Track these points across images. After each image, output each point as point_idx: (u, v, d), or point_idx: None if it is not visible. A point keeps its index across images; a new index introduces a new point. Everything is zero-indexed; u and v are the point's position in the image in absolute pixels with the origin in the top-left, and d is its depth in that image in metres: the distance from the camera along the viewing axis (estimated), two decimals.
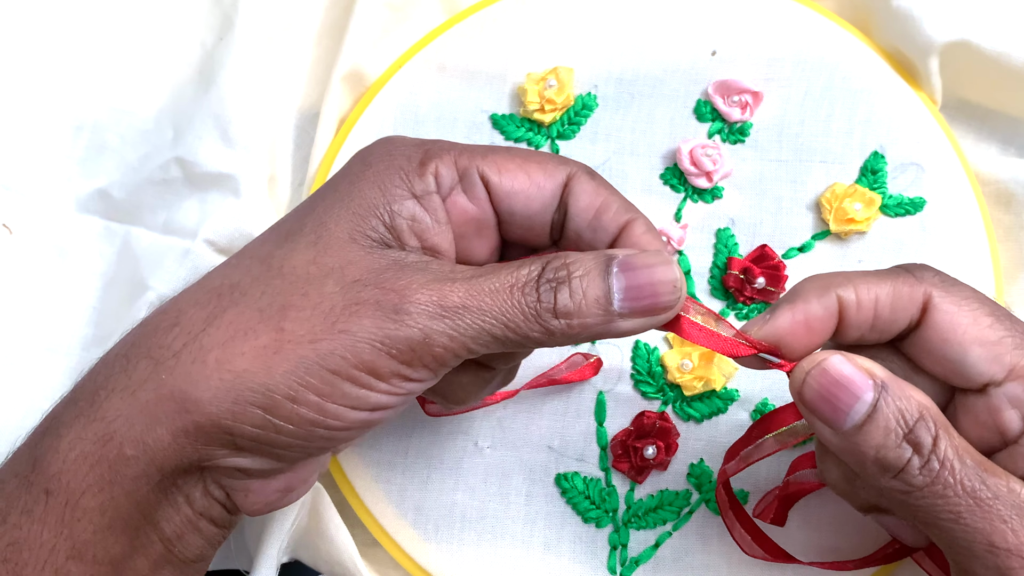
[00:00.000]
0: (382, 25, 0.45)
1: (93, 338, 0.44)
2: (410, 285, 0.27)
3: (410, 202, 0.29)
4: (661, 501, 0.39)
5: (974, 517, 0.27)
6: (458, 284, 0.27)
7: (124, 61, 0.46)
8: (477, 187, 0.30)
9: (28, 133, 0.45)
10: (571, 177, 0.31)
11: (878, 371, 0.28)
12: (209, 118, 0.43)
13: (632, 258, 0.28)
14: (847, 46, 0.43)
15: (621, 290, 0.28)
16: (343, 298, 0.27)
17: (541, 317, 0.28)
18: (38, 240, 0.45)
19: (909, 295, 0.29)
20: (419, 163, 0.30)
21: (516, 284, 0.28)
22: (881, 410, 0.28)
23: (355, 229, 0.29)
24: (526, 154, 0.31)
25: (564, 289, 0.28)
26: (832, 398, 0.28)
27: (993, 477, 0.28)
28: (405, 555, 0.40)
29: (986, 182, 0.43)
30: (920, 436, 0.28)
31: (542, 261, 0.28)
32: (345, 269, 0.28)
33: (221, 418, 0.27)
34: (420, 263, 0.28)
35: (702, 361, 0.40)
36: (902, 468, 0.28)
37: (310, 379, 0.27)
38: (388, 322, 0.27)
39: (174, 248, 0.43)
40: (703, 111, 0.42)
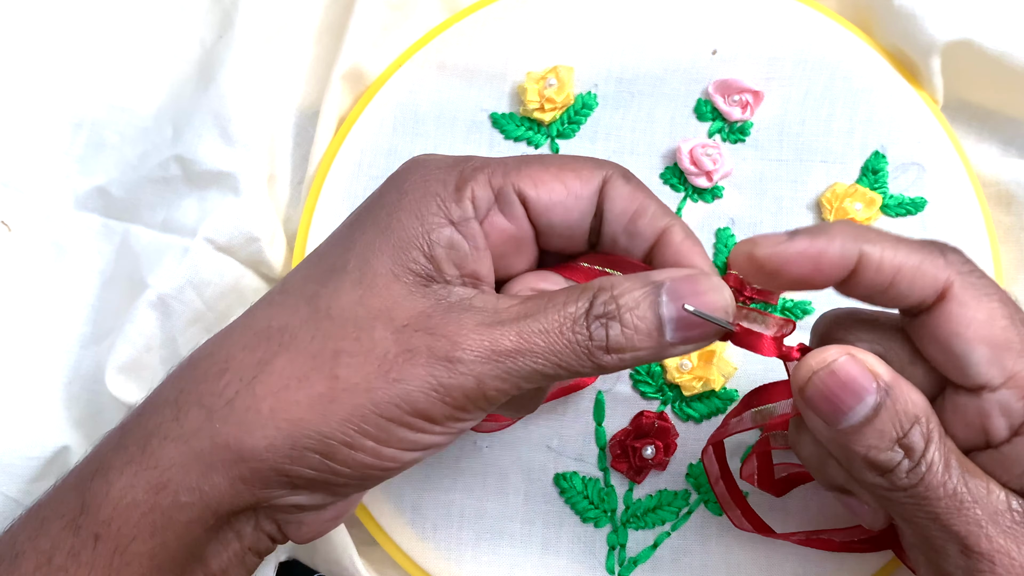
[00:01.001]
0: (382, 24, 0.45)
1: (91, 336, 0.44)
2: (460, 331, 0.27)
3: (447, 230, 0.28)
4: (660, 501, 0.39)
5: (952, 519, 0.27)
6: (508, 328, 0.27)
7: (123, 59, 0.46)
8: (514, 205, 0.30)
9: (27, 130, 0.45)
10: (607, 181, 0.30)
11: (883, 372, 0.28)
12: (209, 116, 0.43)
13: (680, 285, 0.28)
14: (848, 45, 0.43)
15: (672, 320, 0.28)
16: (395, 344, 0.27)
17: (593, 355, 0.28)
18: (37, 237, 0.45)
19: (933, 276, 0.28)
20: (455, 188, 0.29)
21: (565, 323, 0.27)
22: (880, 414, 0.28)
23: (397, 264, 0.28)
24: (560, 162, 0.30)
25: (615, 325, 0.27)
26: (835, 399, 0.28)
27: (975, 480, 0.28)
28: (403, 554, 0.40)
29: (987, 183, 0.43)
30: (913, 441, 0.28)
31: (589, 295, 0.28)
32: (393, 312, 0.28)
33: (278, 463, 0.27)
34: (465, 302, 0.28)
35: (701, 361, 0.40)
36: (891, 469, 0.28)
37: (366, 427, 0.27)
38: (441, 370, 0.27)
39: (173, 246, 0.43)
40: (703, 110, 0.42)
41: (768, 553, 0.38)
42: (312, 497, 0.29)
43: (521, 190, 0.29)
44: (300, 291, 0.29)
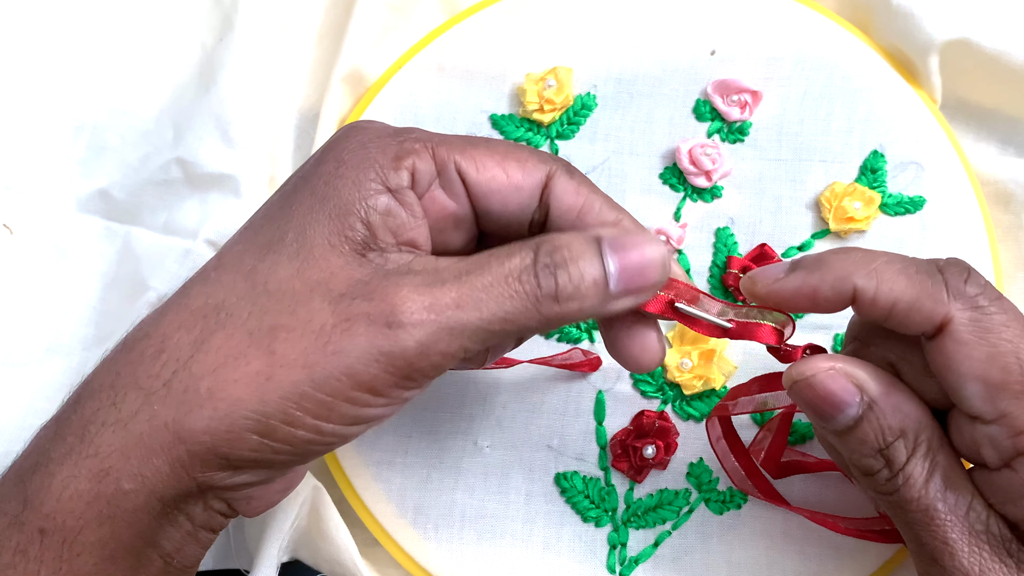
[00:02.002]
0: (382, 26, 0.45)
1: (93, 338, 0.44)
2: (399, 293, 0.26)
3: (384, 197, 0.28)
4: (660, 500, 0.39)
5: (924, 533, 0.29)
6: (449, 285, 0.26)
7: (124, 62, 0.47)
8: (455, 183, 0.29)
9: (29, 133, 0.45)
10: (551, 176, 0.30)
11: (870, 386, 0.29)
12: (209, 118, 0.44)
13: (621, 238, 0.28)
14: (846, 45, 0.43)
15: (616, 271, 0.27)
16: (333, 315, 0.26)
17: (541, 304, 0.27)
18: (38, 240, 0.45)
19: (930, 311, 0.28)
20: (394, 156, 0.29)
21: (511, 274, 0.27)
22: (861, 425, 0.29)
23: (334, 233, 0.28)
24: (505, 150, 0.30)
25: (563, 273, 0.27)
26: (816, 409, 0.29)
27: (958, 496, 0.28)
28: (405, 554, 0.40)
29: (985, 182, 0.43)
30: (894, 453, 0.29)
31: (532, 246, 0.27)
32: (330, 282, 0.27)
33: (217, 446, 0.26)
34: (403, 266, 0.27)
35: (702, 360, 0.40)
36: (872, 475, 0.29)
37: (306, 404, 0.26)
38: (382, 338, 0.26)
39: (175, 248, 0.43)
40: (702, 110, 0.42)
41: (768, 552, 0.38)
42: (255, 475, 0.28)
43: (463, 170, 0.29)
44: (236, 266, 0.28)
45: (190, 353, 0.27)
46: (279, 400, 0.26)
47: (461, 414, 0.40)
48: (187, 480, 0.27)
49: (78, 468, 0.27)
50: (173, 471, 0.27)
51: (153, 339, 0.28)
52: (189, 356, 0.27)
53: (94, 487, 0.26)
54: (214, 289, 0.28)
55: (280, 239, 0.28)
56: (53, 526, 0.26)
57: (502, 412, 0.40)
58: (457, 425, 0.40)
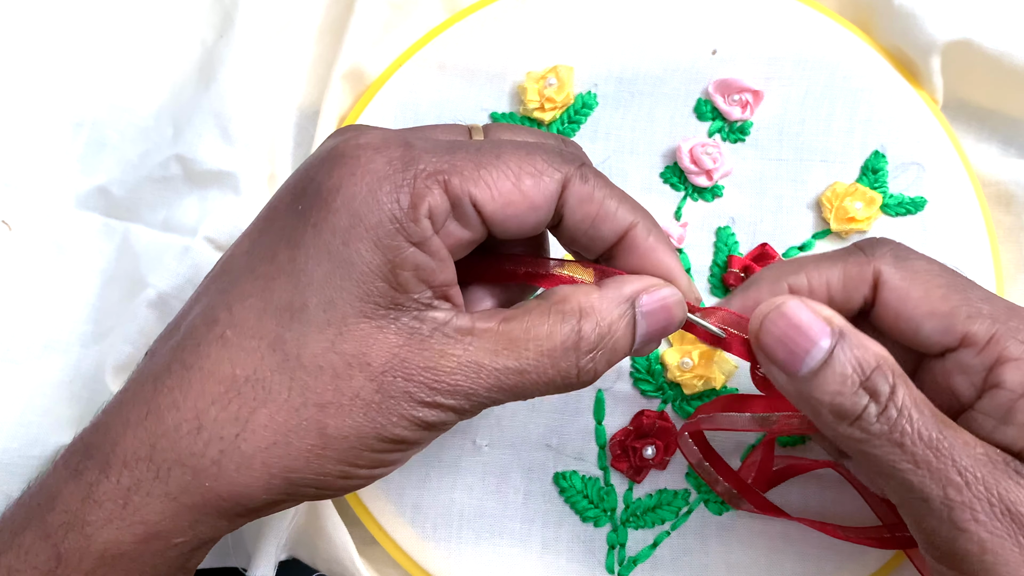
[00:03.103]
0: (383, 23, 0.45)
1: (92, 335, 0.44)
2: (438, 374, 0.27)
3: (410, 252, 0.27)
4: (660, 501, 0.39)
5: (931, 467, 0.27)
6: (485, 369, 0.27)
7: (124, 58, 0.46)
8: (471, 216, 0.28)
9: (28, 130, 0.45)
10: (566, 184, 0.28)
11: (837, 320, 0.28)
12: (209, 116, 0.44)
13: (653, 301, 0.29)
14: (848, 45, 0.43)
15: (643, 335, 0.29)
16: (376, 392, 0.27)
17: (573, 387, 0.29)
18: (37, 237, 0.45)
19: (859, 274, 0.30)
20: (410, 204, 0.27)
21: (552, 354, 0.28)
22: (837, 357, 0.28)
23: (364, 301, 0.27)
24: (519, 163, 0.28)
25: (603, 356, 0.28)
26: (789, 342, 0.28)
27: (951, 431, 0.28)
28: (403, 553, 0.40)
29: (986, 183, 0.43)
30: (877, 384, 0.27)
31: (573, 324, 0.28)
32: (368, 356, 0.27)
33: (275, 499, 0.28)
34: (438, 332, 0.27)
35: (702, 360, 0.40)
36: (859, 415, 0.27)
37: (358, 462, 0.28)
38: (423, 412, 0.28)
39: (173, 245, 0.43)
40: (703, 110, 0.42)
41: (768, 553, 0.38)
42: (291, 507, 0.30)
43: (478, 202, 0.27)
44: (257, 331, 0.27)
45: (235, 431, 0.27)
46: (334, 464, 0.28)
47: None
48: (238, 524, 0.28)
49: (123, 533, 0.27)
50: (229, 523, 0.28)
51: (185, 413, 0.27)
52: (235, 435, 0.27)
53: (140, 547, 0.27)
54: (237, 356, 0.27)
55: (303, 306, 0.27)
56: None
57: (501, 411, 0.40)
58: (456, 424, 0.40)
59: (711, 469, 0.38)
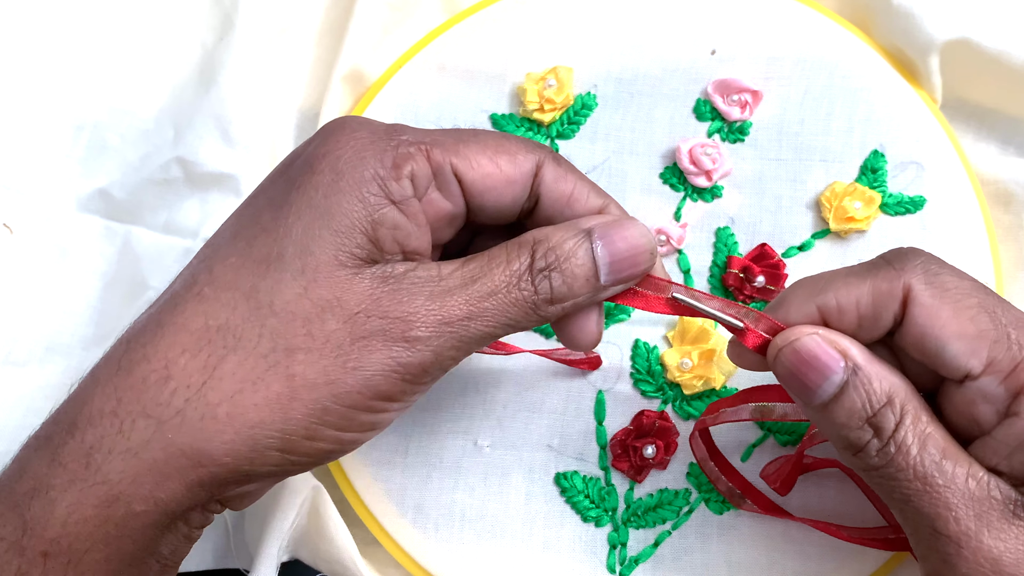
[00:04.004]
0: (382, 25, 0.45)
1: (93, 338, 0.44)
2: (412, 308, 0.27)
3: (389, 210, 0.28)
4: (660, 500, 0.39)
5: (922, 501, 0.28)
6: (457, 295, 0.28)
7: (125, 61, 0.47)
8: (451, 184, 0.29)
9: (29, 133, 0.45)
10: (540, 165, 0.30)
11: (854, 352, 0.29)
12: (210, 118, 0.44)
13: (610, 229, 0.29)
14: (847, 45, 0.43)
15: (606, 264, 0.29)
16: (349, 334, 0.27)
17: (538, 308, 0.29)
18: (39, 240, 0.45)
19: (889, 291, 0.29)
20: (393, 164, 0.28)
21: (511, 281, 0.28)
22: (848, 392, 0.29)
23: (340, 250, 0.27)
24: (496, 143, 0.30)
25: (556, 275, 0.29)
26: (800, 375, 0.29)
27: (953, 464, 0.28)
28: (405, 554, 0.40)
29: (986, 182, 0.43)
30: (882, 421, 0.28)
31: (528, 249, 0.29)
32: (342, 300, 0.27)
33: (239, 466, 0.27)
34: (410, 275, 0.28)
35: (702, 360, 0.40)
36: (861, 448, 0.29)
37: (328, 418, 0.27)
38: (399, 351, 0.27)
39: (175, 248, 0.43)
40: (703, 110, 0.42)
41: (769, 552, 0.38)
42: (268, 484, 0.29)
43: (458, 171, 0.29)
44: (234, 283, 0.28)
45: (202, 379, 0.27)
46: (302, 418, 0.27)
47: (461, 414, 0.40)
48: (201, 495, 0.27)
49: (84, 495, 0.27)
50: (189, 491, 0.27)
51: (155, 363, 0.27)
52: (201, 383, 0.27)
53: (102, 512, 0.27)
54: (212, 308, 0.28)
55: (279, 256, 0.28)
56: (57, 550, 0.27)
57: (502, 412, 0.40)
58: (457, 425, 0.40)
59: (714, 468, 0.38)
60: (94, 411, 0.27)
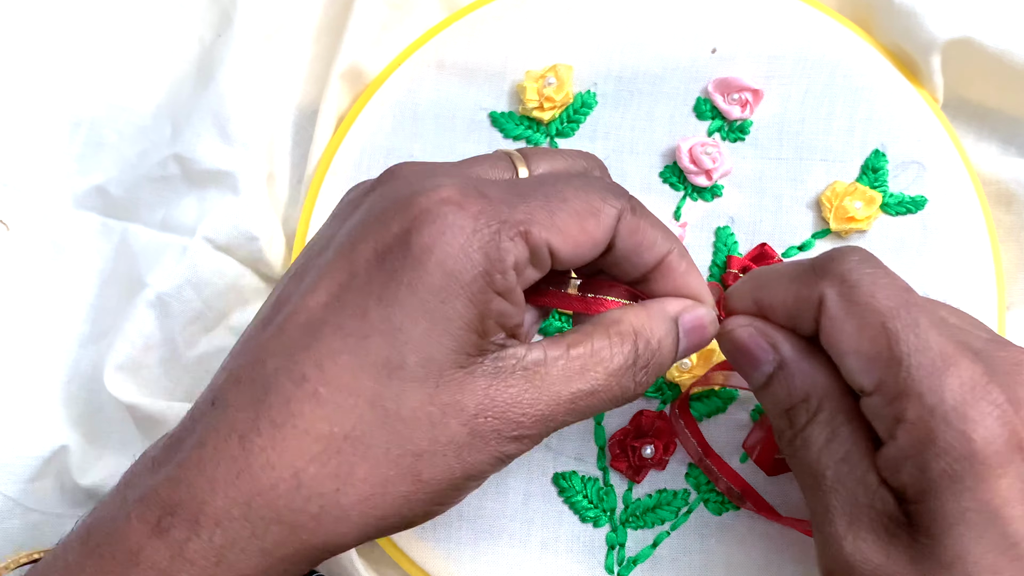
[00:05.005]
0: (381, 22, 0.45)
1: (90, 335, 0.44)
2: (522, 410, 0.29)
3: (497, 302, 0.28)
4: (659, 501, 0.39)
5: (811, 496, 0.31)
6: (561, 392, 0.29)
7: (122, 58, 0.46)
8: (545, 260, 0.29)
9: (26, 129, 0.45)
10: (619, 217, 0.30)
11: (784, 348, 0.32)
12: (207, 115, 0.43)
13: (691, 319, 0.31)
14: (848, 44, 0.42)
15: (683, 350, 0.32)
16: (468, 434, 0.28)
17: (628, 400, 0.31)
18: (35, 236, 0.45)
19: (807, 298, 0.31)
20: (498, 259, 0.28)
21: (612, 380, 0.30)
22: (772, 384, 0.32)
23: (459, 353, 0.28)
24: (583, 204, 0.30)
25: (655, 371, 0.31)
26: (736, 360, 0.33)
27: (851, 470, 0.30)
28: (401, 553, 0.40)
29: (987, 182, 0.42)
30: (796, 416, 0.31)
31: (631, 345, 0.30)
32: (461, 404, 0.28)
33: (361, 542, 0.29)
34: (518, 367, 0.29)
35: (701, 360, 0.39)
36: (779, 434, 0.32)
37: (441, 499, 0.29)
38: (508, 446, 0.29)
39: (172, 245, 0.43)
40: (703, 109, 0.42)
41: (768, 553, 0.38)
42: None
43: (553, 248, 0.29)
44: (354, 388, 0.28)
45: (334, 487, 0.28)
46: (422, 506, 0.29)
47: None
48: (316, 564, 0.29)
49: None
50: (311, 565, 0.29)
51: (281, 471, 0.27)
52: (334, 489, 0.28)
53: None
54: (333, 414, 0.28)
55: (401, 363, 0.28)
56: None
57: None
58: None
59: (711, 465, 0.38)
60: (220, 514, 0.27)
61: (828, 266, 0.31)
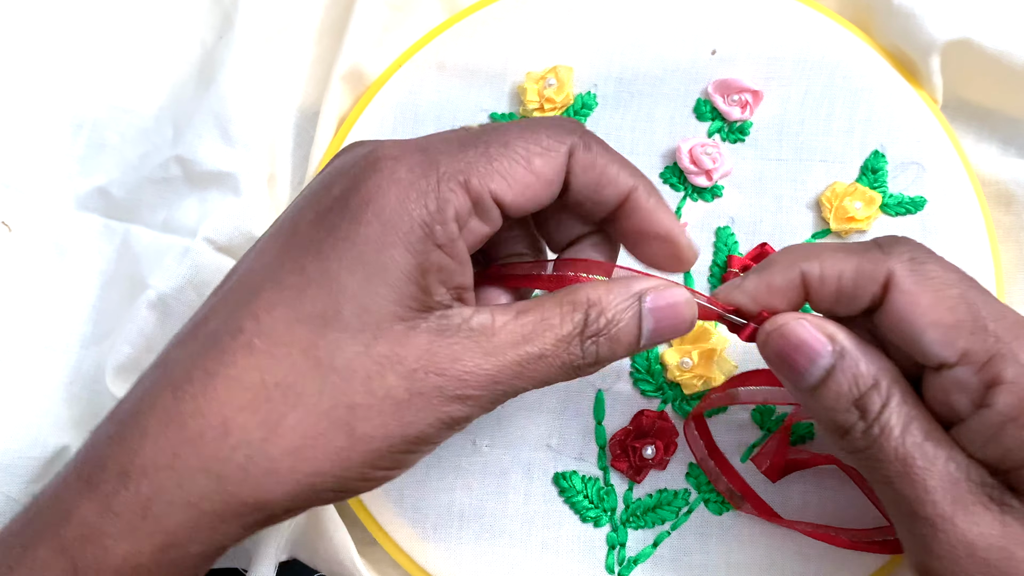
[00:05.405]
0: (382, 24, 0.45)
1: (92, 336, 0.44)
2: (466, 366, 0.28)
3: (436, 254, 0.28)
4: (660, 501, 0.39)
5: (902, 483, 0.29)
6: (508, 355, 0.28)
7: (124, 59, 0.47)
8: (491, 210, 0.29)
9: (28, 131, 0.45)
10: (571, 153, 0.30)
11: (840, 336, 0.30)
12: (209, 116, 0.44)
13: (660, 300, 0.30)
14: (847, 45, 0.43)
15: (649, 331, 0.30)
16: (407, 389, 0.28)
17: (581, 370, 0.30)
18: (37, 238, 0.45)
19: (871, 272, 0.30)
20: (437, 209, 0.28)
21: (560, 346, 0.29)
22: (835, 375, 0.29)
23: (397, 304, 0.28)
24: (525, 144, 0.29)
25: (604, 342, 0.29)
26: (788, 359, 0.30)
27: (935, 447, 0.28)
28: (403, 553, 0.40)
29: (986, 182, 0.43)
30: (868, 403, 0.29)
31: (582, 313, 0.29)
32: (400, 356, 0.28)
33: (295, 507, 0.28)
34: (464, 327, 0.28)
35: (702, 359, 0.40)
36: (847, 431, 0.30)
37: (380, 462, 0.28)
38: (453, 408, 0.28)
39: (174, 246, 0.43)
40: (703, 110, 0.42)
41: (768, 553, 0.38)
42: None
43: (498, 196, 0.29)
44: (288, 339, 0.28)
45: (262, 435, 0.27)
46: (359, 466, 0.28)
47: None
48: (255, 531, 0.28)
49: (141, 544, 0.27)
50: (245, 531, 0.28)
51: (211, 419, 0.27)
52: (262, 438, 0.27)
53: (158, 556, 0.27)
54: (266, 363, 0.28)
55: (336, 313, 0.27)
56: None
57: (501, 411, 0.40)
58: None
59: (715, 467, 0.38)
60: (148, 463, 0.27)
61: (893, 246, 0.30)
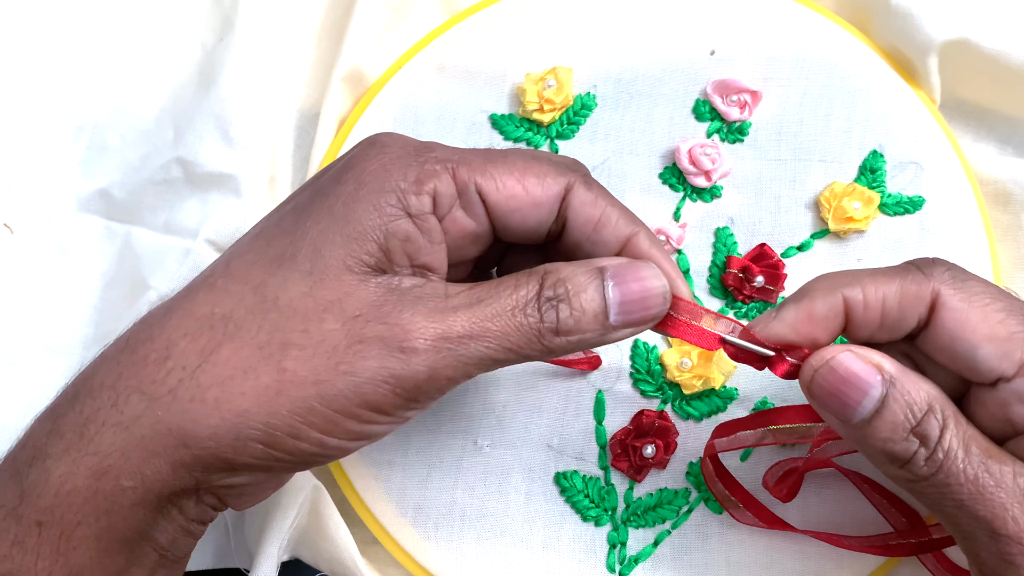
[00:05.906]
0: (382, 25, 0.45)
1: (93, 338, 0.44)
2: (413, 319, 0.27)
3: (404, 222, 0.28)
4: (660, 500, 0.39)
5: (976, 505, 0.28)
6: (460, 313, 0.28)
7: (125, 61, 0.47)
8: (476, 204, 0.29)
9: (29, 133, 0.46)
10: (569, 188, 0.30)
11: (887, 365, 0.29)
12: (210, 118, 0.44)
13: (623, 270, 0.29)
14: (846, 45, 0.43)
15: (616, 304, 0.29)
16: (345, 336, 0.27)
17: (543, 336, 0.28)
18: (39, 240, 0.45)
19: (917, 293, 0.29)
20: (416, 180, 0.29)
21: (517, 306, 0.28)
22: (889, 405, 0.28)
23: (350, 256, 0.28)
24: (524, 163, 0.30)
25: (564, 307, 0.28)
26: (840, 395, 0.29)
27: (999, 464, 0.28)
28: (405, 553, 0.40)
29: (984, 182, 0.43)
30: (927, 429, 0.28)
31: (537, 278, 0.29)
32: (344, 303, 0.27)
33: (221, 451, 0.27)
34: (416, 289, 0.28)
35: (701, 359, 0.40)
36: (908, 460, 0.29)
37: (312, 418, 0.27)
38: (394, 361, 0.27)
39: (175, 248, 0.43)
40: (702, 110, 0.43)
41: (768, 551, 0.38)
42: (253, 477, 0.29)
43: (483, 191, 0.29)
44: (245, 277, 0.28)
45: (197, 362, 0.27)
46: (287, 414, 0.27)
47: (461, 414, 0.40)
48: (187, 478, 0.28)
49: (77, 465, 0.27)
50: (174, 471, 0.27)
51: (157, 343, 0.28)
52: (196, 365, 0.27)
53: (93, 484, 0.27)
54: (220, 298, 0.28)
55: (292, 256, 0.28)
56: (51, 519, 0.27)
57: (502, 411, 0.40)
58: (457, 425, 0.40)
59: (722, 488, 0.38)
60: (95, 384, 0.28)
61: (932, 267, 0.30)
